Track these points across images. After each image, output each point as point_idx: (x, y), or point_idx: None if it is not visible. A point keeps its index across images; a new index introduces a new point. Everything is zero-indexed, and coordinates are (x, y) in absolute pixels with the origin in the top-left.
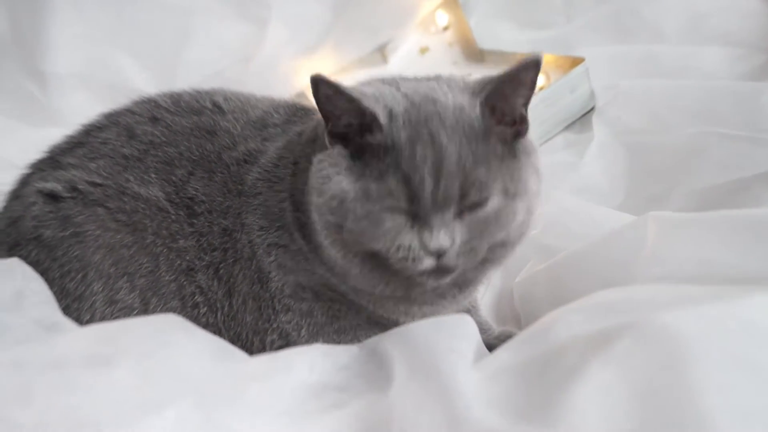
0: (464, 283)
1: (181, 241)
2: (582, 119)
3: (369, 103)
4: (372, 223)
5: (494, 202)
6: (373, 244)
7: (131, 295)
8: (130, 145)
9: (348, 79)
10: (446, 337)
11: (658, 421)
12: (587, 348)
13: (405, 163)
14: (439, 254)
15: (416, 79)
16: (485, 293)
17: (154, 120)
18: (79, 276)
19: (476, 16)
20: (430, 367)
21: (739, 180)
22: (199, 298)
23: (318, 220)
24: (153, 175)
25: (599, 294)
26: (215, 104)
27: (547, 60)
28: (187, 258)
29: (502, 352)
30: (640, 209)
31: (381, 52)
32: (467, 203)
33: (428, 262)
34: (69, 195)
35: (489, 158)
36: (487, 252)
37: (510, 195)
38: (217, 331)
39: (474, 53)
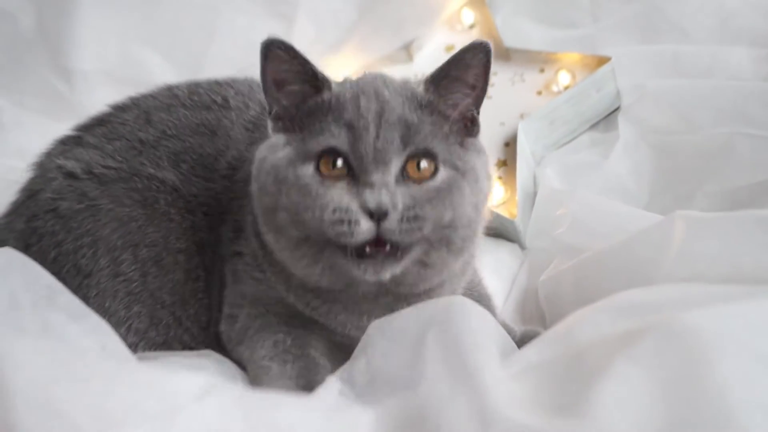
0: (401, 286)
1: (194, 219)
2: (607, 119)
3: (320, 70)
4: (305, 189)
5: (443, 175)
6: (306, 216)
7: (132, 267)
8: (146, 129)
9: None
10: (471, 332)
11: (684, 416)
12: (613, 346)
13: (349, 112)
14: (379, 217)
15: None
16: (509, 296)
17: (170, 109)
18: (90, 252)
19: (502, 15)
20: (459, 364)
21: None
22: (200, 272)
23: (257, 207)
24: (165, 162)
25: (625, 293)
26: (224, 99)
27: (573, 59)
28: (200, 234)
29: (528, 351)
30: (666, 209)
31: (406, 50)
32: (411, 165)
33: (366, 226)
34: (86, 177)
35: (434, 129)
36: (432, 233)
37: (459, 171)
38: (208, 307)
39: (500, 52)
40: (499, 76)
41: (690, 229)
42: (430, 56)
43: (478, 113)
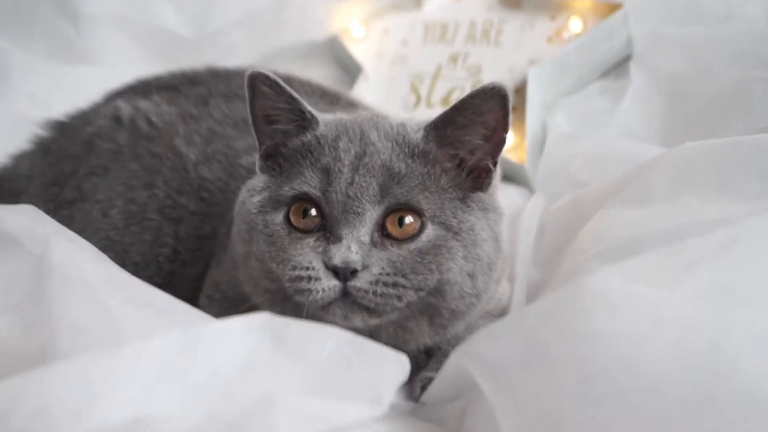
0: (378, 340)
1: (184, 199)
2: (619, 66)
3: (308, 107)
4: (270, 240)
5: (429, 233)
6: (273, 266)
7: (119, 216)
8: (199, 108)
9: (377, 24)
10: None
11: None
12: None
13: (326, 155)
14: (345, 276)
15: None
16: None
17: (229, 98)
18: (95, 180)
19: None
20: None
21: None
22: (169, 240)
23: (234, 252)
24: (197, 139)
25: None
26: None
27: (584, 6)
28: (181, 212)
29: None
30: None
31: None
32: (392, 220)
33: (329, 284)
34: (128, 125)
35: (425, 181)
36: (414, 297)
37: (452, 231)
38: (167, 274)
39: (511, 0)
40: (510, 24)
41: (696, 156)
42: (440, 5)
43: (494, 164)
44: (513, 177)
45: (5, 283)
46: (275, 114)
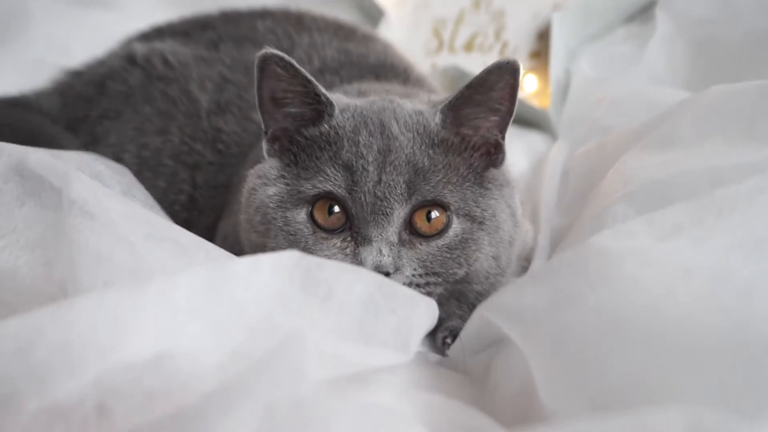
0: None
1: (199, 146)
2: (644, 11)
3: (324, 90)
4: (294, 238)
5: (456, 228)
6: None
7: (132, 161)
8: (210, 52)
9: None
10: None
11: None
12: None
13: (347, 150)
14: None
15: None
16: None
17: (240, 41)
18: (107, 123)
19: None
20: None
21: None
22: (186, 186)
23: (245, 237)
24: (209, 85)
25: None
26: (291, 46)
27: None
28: (197, 159)
29: None
30: None
31: None
32: (420, 216)
33: None
34: (143, 64)
35: (448, 173)
36: (444, 289)
37: (477, 221)
38: (183, 222)
39: None
40: None
41: (723, 99)
42: None
43: (503, 138)
44: (536, 123)
45: (27, 222)
46: (287, 97)
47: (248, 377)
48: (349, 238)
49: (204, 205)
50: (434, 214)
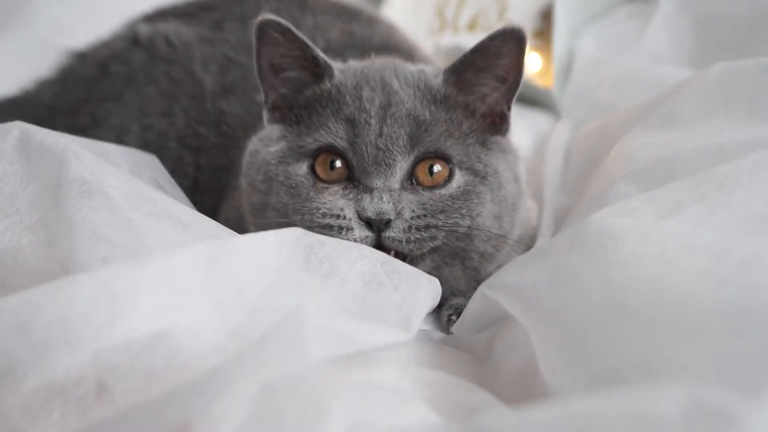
0: None
1: (203, 128)
2: None
3: (322, 53)
4: (295, 190)
5: (459, 179)
6: (296, 219)
7: (135, 144)
8: (214, 32)
9: None
10: None
11: None
12: None
13: (350, 105)
14: (379, 227)
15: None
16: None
17: (244, 21)
18: (108, 105)
19: None
20: None
21: None
22: (191, 170)
23: (246, 203)
24: (213, 66)
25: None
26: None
27: None
28: (201, 141)
29: None
30: None
31: None
32: (422, 168)
33: (361, 234)
34: (145, 44)
35: (450, 127)
36: (444, 244)
37: (479, 175)
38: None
39: None
40: None
41: (728, 76)
42: None
43: (508, 109)
44: (539, 102)
45: (31, 202)
46: (286, 62)
47: (247, 355)
48: (350, 186)
49: (207, 187)
50: (437, 167)
